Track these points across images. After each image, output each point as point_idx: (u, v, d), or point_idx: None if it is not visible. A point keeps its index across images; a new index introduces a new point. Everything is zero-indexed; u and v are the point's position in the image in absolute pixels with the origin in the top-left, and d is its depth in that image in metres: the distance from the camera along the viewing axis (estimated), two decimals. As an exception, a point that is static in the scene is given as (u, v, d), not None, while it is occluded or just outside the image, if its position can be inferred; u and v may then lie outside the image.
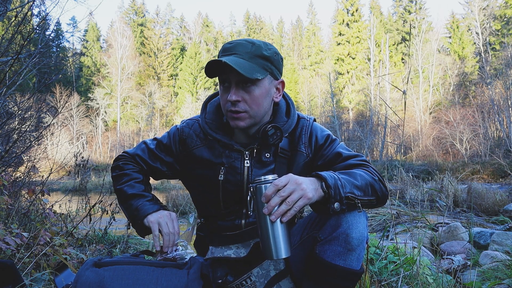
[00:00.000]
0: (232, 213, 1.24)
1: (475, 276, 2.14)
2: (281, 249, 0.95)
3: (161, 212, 1.21)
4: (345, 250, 0.99)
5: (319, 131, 1.26)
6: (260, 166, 1.22)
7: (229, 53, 1.12)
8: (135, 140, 35.23)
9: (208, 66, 1.10)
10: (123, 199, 1.27)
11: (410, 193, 6.57)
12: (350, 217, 0.99)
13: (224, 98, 1.15)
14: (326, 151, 1.21)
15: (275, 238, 0.95)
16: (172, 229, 1.17)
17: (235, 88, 1.12)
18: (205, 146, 1.25)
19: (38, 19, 4.16)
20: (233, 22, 57.34)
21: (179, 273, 1.08)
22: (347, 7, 33.02)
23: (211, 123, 1.25)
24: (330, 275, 1.00)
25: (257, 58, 1.12)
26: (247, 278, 1.15)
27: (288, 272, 1.14)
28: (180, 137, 1.29)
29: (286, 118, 1.25)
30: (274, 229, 0.94)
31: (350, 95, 32.31)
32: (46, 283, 1.77)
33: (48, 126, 3.84)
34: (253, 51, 1.12)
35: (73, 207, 4.24)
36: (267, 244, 0.96)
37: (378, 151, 26.73)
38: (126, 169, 1.31)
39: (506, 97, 21.04)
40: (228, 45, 1.15)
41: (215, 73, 1.14)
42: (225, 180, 1.21)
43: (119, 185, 1.28)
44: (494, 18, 28.81)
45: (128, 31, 38.41)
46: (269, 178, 0.97)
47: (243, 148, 1.21)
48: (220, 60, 1.06)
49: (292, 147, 1.24)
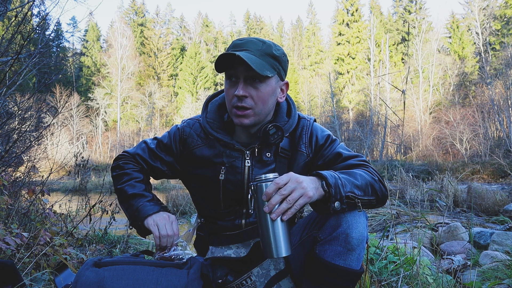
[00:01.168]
0: (232, 213, 1.24)
1: (475, 276, 2.14)
2: (281, 247, 0.95)
3: (160, 214, 1.21)
4: (345, 250, 0.99)
5: (319, 131, 1.27)
6: (260, 166, 1.22)
7: (240, 49, 1.11)
8: (135, 140, 35.23)
9: (220, 59, 1.09)
10: (123, 199, 1.27)
11: (410, 193, 6.57)
12: (350, 217, 0.99)
13: (230, 93, 1.15)
14: (327, 151, 1.22)
15: (275, 236, 0.95)
16: (170, 232, 1.17)
17: (243, 83, 1.12)
18: (206, 146, 1.25)
19: (38, 19, 4.15)
20: (233, 22, 57.41)
21: (179, 273, 1.08)
22: (347, 7, 33.03)
23: (212, 122, 1.25)
24: (330, 275, 1.00)
25: (267, 57, 1.12)
26: (247, 278, 1.15)
27: (288, 271, 1.14)
28: (180, 136, 1.29)
29: (287, 118, 1.25)
30: (275, 228, 0.94)
31: (350, 95, 32.31)
32: (46, 283, 1.77)
33: (48, 126, 3.84)
34: (264, 49, 1.12)
35: (73, 207, 4.24)
36: (267, 242, 0.96)
37: (378, 151, 26.74)
38: (127, 169, 1.31)
39: (506, 97, 21.03)
40: (238, 41, 1.15)
41: (224, 68, 1.14)
42: (225, 180, 1.21)
43: (120, 185, 1.28)
44: (494, 18, 28.81)
45: (128, 31, 38.40)
46: (269, 177, 0.97)
47: (244, 148, 1.21)
48: (233, 53, 1.06)
49: (293, 147, 1.24)
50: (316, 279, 1.02)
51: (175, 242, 1.19)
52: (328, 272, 1.00)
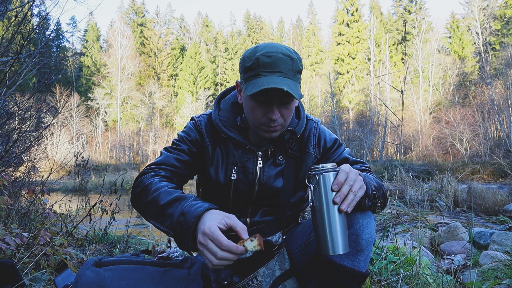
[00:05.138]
0: (237, 212, 1.24)
1: (475, 276, 2.14)
2: (339, 243, 0.89)
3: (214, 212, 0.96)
4: (353, 250, 0.99)
5: (327, 134, 1.29)
6: (272, 167, 1.22)
7: (273, 70, 1.05)
8: (135, 140, 35.24)
9: (264, 91, 1.02)
10: (157, 210, 1.00)
11: (410, 193, 6.57)
12: (361, 218, 1.00)
13: (258, 113, 1.10)
14: (334, 155, 1.24)
15: (333, 231, 0.89)
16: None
17: (277, 107, 1.08)
18: (219, 144, 1.23)
19: (38, 19, 4.15)
20: (233, 22, 57.41)
21: (179, 273, 1.08)
22: (347, 7, 33.04)
23: (226, 121, 1.23)
24: (337, 275, 1.00)
25: (297, 75, 1.09)
26: (253, 278, 1.15)
27: (293, 272, 1.14)
28: (198, 129, 1.25)
29: (296, 120, 1.26)
30: (335, 222, 0.89)
31: (350, 95, 32.32)
32: (46, 283, 1.77)
33: (48, 126, 3.84)
34: (294, 68, 1.07)
35: (73, 207, 4.24)
36: (323, 239, 0.90)
37: (378, 151, 26.75)
38: (152, 181, 1.08)
39: (506, 97, 21.04)
40: (267, 60, 1.05)
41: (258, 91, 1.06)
42: (237, 180, 1.20)
43: (150, 197, 1.03)
44: (494, 18, 28.81)
45: (128, 31, 38.41)
46: (328, 167, 0.92)
47: (256, 148, 1.21)
48: (282, 88, 0.99)
49: (301, 148, 1.25)
50: (322, 280, 1.02)
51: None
52: (336, 273, 0.99)
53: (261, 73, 1.05)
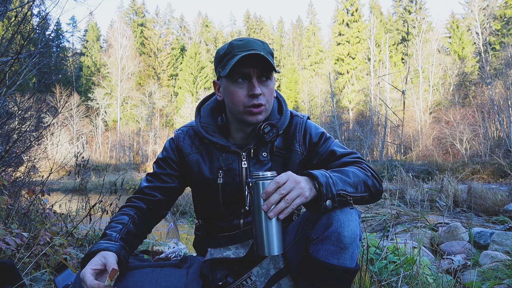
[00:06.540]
0: (230, 215, 1.24)
1: (475, 276, 2.14)
2: (274, 245, 0.95)
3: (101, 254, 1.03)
4: (337, 248, 0.98)
5: (313, 129, 1.26)
6: (258, 166, 1.22)
7: (247, 49, 1.11)
8: (135, 140, 35.25)
9: (242, 59, 1.09)
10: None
11: (410, 193, 6.57)
12: (342, 216, 0.99)
13: (240, 95, 1.14)
14: (321, 149, 1.22)
15: (268, 234, 0.95)
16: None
17: (257, 82, 1.14)
18: (202, 151, 1.25)
19: (38, 19, 4.16)
20: (233, 22, 57.45)
21: (178, 273, 1.08)
22: (347, 7, 33.03)
23: (207, 126, 1.25)
24: (325, 274, 0.99)
25: (269, 55, 1.14)
26: (247, 278, 1.15)
27: (287, 270, 1.15)
28: (176, 144, 1.28)
29: (278, 116, 1.26)
30: (269, 226, 0.95)
31: (350, 95, 32.32)
32: (46, 283, 1.77)
33: (48, 126, 3.84)
34: (265, 48, 1.15)
35: (73, 207, 4.24)
36: (260, 240, 0.96)
37: (378, 151, 26.76)
38: (117, 213, 1.23)
39: (506, 97, 21.05)
40: (239, 42, 1.14)
41: (236, 69, 1.13)
42: (224, 183, 1.21)
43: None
44: (494, 18, 28.81)
45: (128, 31, 38.42)
46: (267, 175, 0.97)
47: (239, 150, 1.22)
48: (258, 53, 1.08)
49: (287, 145, 1.24)
50: (312, 279, 1.02)
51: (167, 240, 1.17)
52: (323, 271, 0.99)
53: (236, 53, 1.11)
